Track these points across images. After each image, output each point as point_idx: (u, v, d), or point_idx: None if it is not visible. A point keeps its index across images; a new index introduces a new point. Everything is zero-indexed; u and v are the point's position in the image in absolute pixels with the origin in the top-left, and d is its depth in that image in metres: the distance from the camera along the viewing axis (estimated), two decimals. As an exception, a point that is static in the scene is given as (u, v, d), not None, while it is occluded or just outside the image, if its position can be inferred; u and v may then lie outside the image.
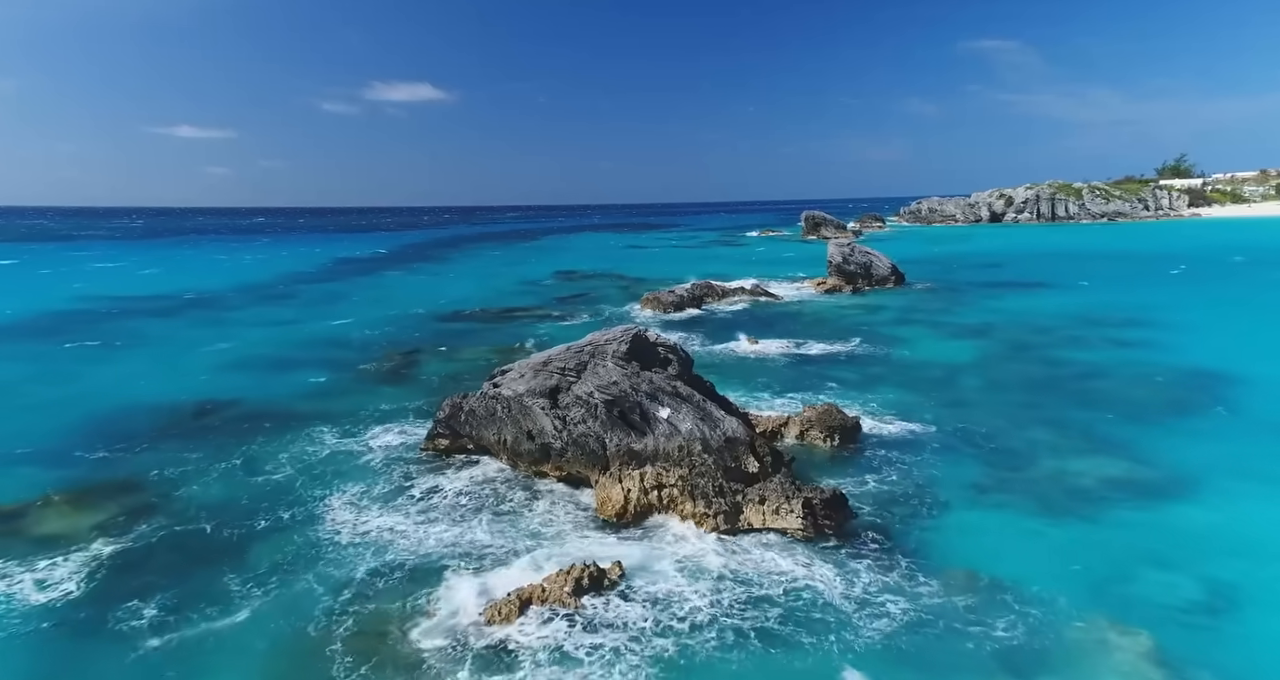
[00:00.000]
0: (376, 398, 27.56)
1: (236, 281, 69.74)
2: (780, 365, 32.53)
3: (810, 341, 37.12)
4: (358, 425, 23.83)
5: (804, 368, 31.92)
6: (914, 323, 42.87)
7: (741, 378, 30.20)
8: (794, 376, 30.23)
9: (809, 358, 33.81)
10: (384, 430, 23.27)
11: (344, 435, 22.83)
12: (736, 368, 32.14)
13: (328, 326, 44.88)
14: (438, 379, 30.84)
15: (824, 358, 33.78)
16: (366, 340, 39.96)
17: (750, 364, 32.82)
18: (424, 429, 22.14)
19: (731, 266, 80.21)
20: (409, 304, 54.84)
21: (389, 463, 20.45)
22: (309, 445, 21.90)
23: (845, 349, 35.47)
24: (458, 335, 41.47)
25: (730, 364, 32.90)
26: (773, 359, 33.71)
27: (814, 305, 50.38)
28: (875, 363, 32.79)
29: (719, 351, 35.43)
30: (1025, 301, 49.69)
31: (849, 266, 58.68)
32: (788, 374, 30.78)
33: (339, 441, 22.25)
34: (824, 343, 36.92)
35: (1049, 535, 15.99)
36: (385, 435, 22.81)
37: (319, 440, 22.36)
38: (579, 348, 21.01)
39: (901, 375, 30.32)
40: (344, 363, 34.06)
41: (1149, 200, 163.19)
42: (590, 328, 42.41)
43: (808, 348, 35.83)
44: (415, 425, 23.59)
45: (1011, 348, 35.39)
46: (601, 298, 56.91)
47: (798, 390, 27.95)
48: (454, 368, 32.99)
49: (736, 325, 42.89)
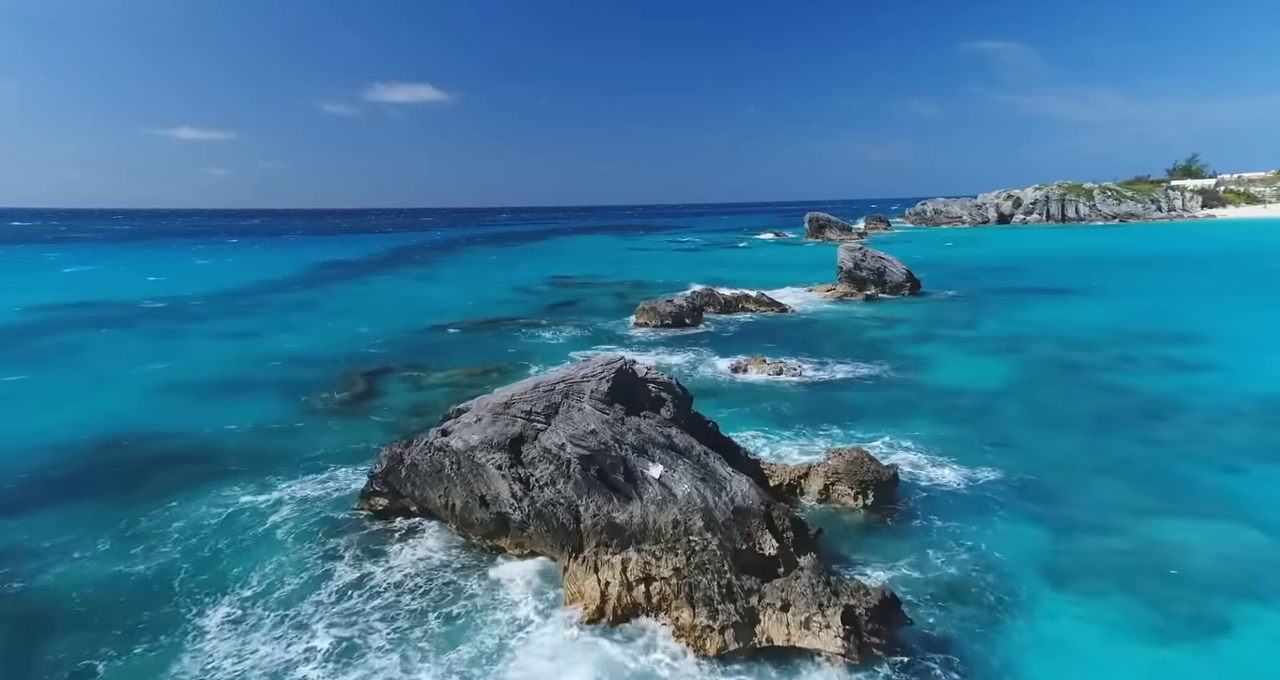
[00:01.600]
0: (318, 436, 23.38)
1: (208, 287, 65.58)
2: (792, 391, 28.37)
3: (825, 361, 32.94)
4: (286, 474, 19.64)
5: (820, 394, 27.75)
6: (937, 337, 38.67)
7: (749, 407, 26.06)
8: (810, 406, 26.07)
9: (825, 382, 29.62)
10: (315, 482, 19.06)
11: (263, 489, 18.63)
12: (742, 395, 27.98)
13: (290, 340, 40.72)
14: (397, 410, 26.67)
15: (842, 382, 29.59)
16: (328, 357, 35.80)
17: (758, 390, 28.64)
18: (364, 479, 17.96)
19: (733, 271, 76.04)
20: (386, 313, 50.72)
21: (310, 533, 16.23)
22: (214, 506, 17.68)
23: (865, 370, 31.28)
24: (432, 351, 37.31)
25: (735, 390, 28.73)
26: (783, 383, 29.54)
27: (825, 317, 46.18)
28: (901, 387, 28.61)
29: (722, 374, 31.26)
30: (1056, 311, 45.47)
31: (861, 272, 54.51)
32: (802, 402, 26.61)
33: (255, 499, 18.05)
34: (840, 362, 32.74)
35: (1165, 656, 11.81)
36: (315, 488, 18.62)
37: (230, 498, 18.14)
38: (550, 385, 16.83)
39: (933, 403, 26.15)
40: (293, 387, 29.90)
41: (1161, 201, 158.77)
42: (579, 343, 38.32)
43: (822, 369, 31.64)
44: (356, 473, 19.41)
45: (1053, 368, 31.18)
46: (594, 307, 52.74)
47: (815, 423, 23.80)
48: (419, 395, 28.81)
49: (741, 341, 38.73)
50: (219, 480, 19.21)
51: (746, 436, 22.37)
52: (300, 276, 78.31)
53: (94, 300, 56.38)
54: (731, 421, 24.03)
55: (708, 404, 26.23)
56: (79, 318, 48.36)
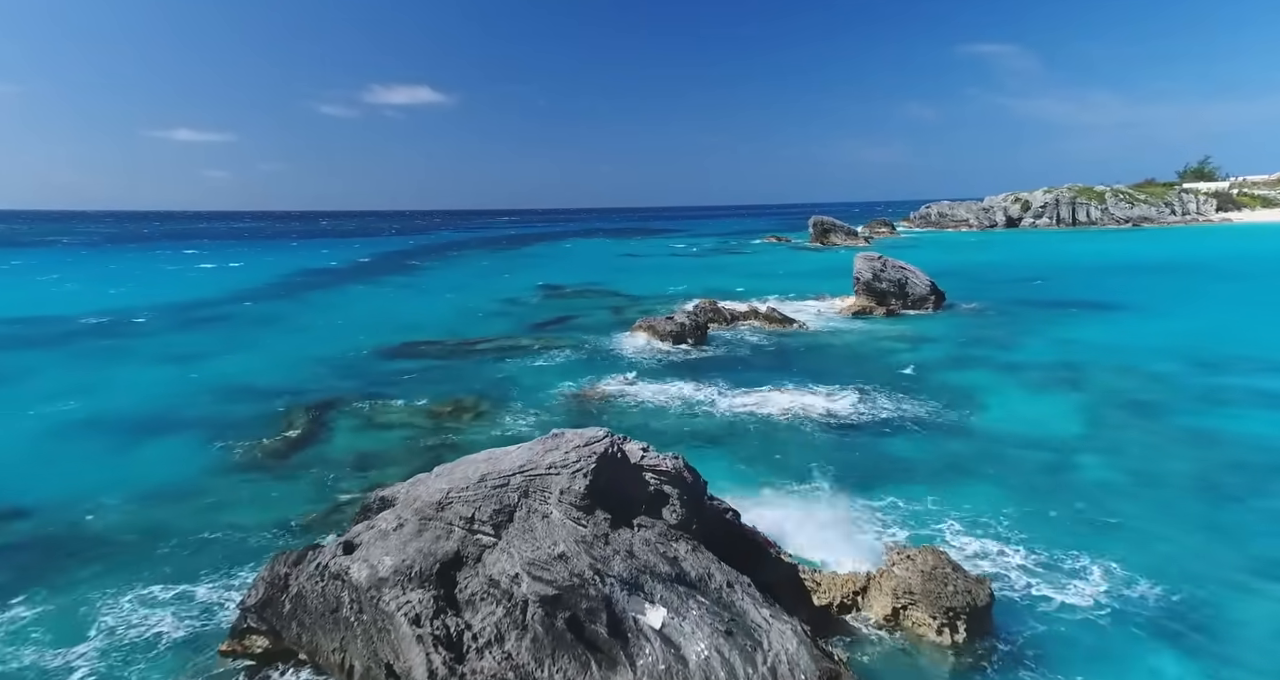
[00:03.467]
0: (221, 509, 18.27)
1: (169, 298, 60.35)
2: (819, 434, 23.33)
3: (853, 394, 27.90)
4: (152, 576, 14.51)
5: (854, 440, 22.70)
6: (977, 363, 33.64)
7: (766, 457, 21.08)
8: (844, 457, 21.03)
9: (858, 424, 24.57)
10: (181, 599, 13.91)
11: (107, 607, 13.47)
12: (757, 438, 22.94)
13: (237, 363, 35.59)
14: (335, 465, 21.53)
15: (878, 423, 24.54)
16: (274, 387, 30.70)
17: (777, 431, 23.59)
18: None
19: (737, 279, 71.06)
20: (356, 330, 45.61)
21: (151, 691, 11.16)
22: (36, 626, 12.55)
23: (903, 407, 26.25)
24: (398, 379, 32.23)
25: (747, 430, 23.68)
26: (806, 422, 24.49)
27: (845, 335, 41.13)
28: (952, 433, 23.57)
29: (731, 409, 26.20)
30: (1105, 330, 40.44)
31: (880, 284, 49.48)
32: (833, 451, 21.56)
33: (93, 622, 12.91)
34: (871, 394, 27.72)
35: None
36: (179, 608, 13.49)
37: (55, 615, 13.01)
38: (502, 476, 11.74)
39: (998, 459, 21.12)
40: (219, 428, 24.82)
41: (1175, 204, 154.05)
42: (569, 370, 33.06)
43: (852, 405, 26.60)
44: (250, 574, 14.31)
45: (1127, 407, 26.15)
46: (588, 322, 47.67)
47: (855, 485, 18.77)
48: (368, 442, 23.70)
49: (751, 365, 33.69)
50: (54, 585, 14.07)
51: (766, 499, 17.42)
52: (273, 284, 73.14)
53: (27, 315, 51.02)
54: (746, 477, 19.12)
55: (716, 451, 21.25)
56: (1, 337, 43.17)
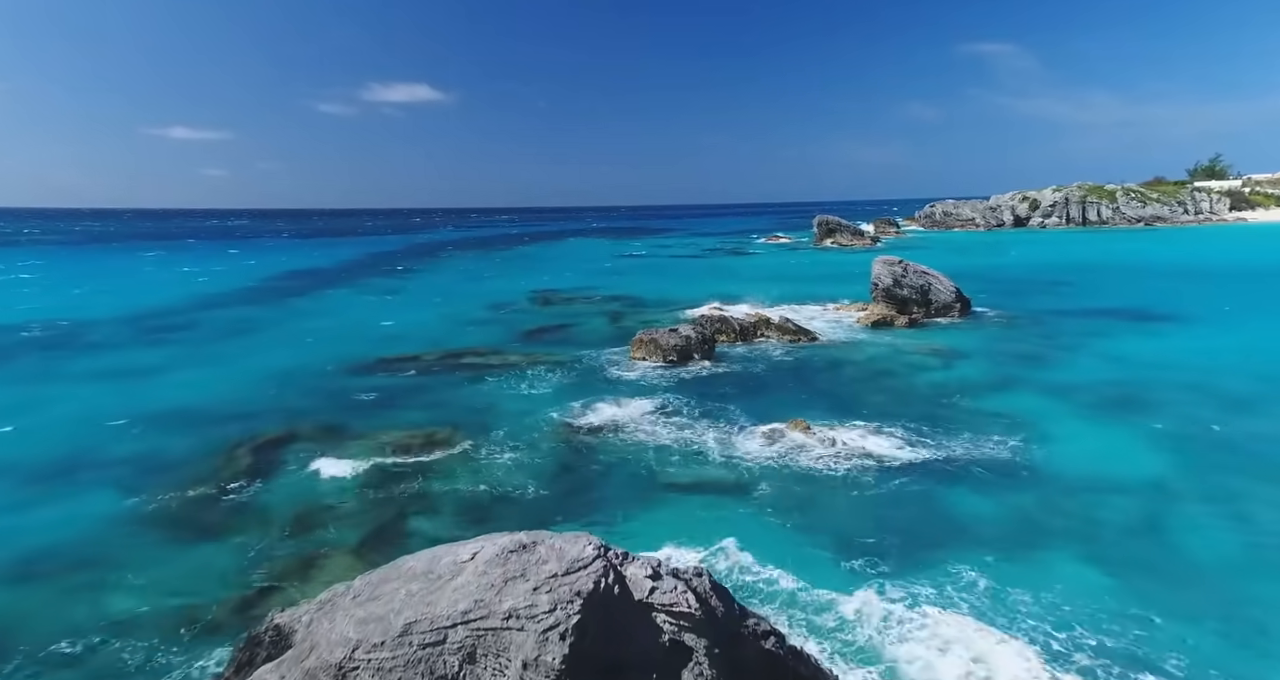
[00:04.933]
0: (103, 594, 14.30)
1: (132, 303, 56.29)
2: (861, 484, 19.38)
3: (889, 425, 23.98)
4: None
5: (903, 494, 18.74)
6: (1023, 384, 29.69)
7: (798, 515, 17.19)
8: (894, 518, 17.10)
9: (899, 467, 20.62)
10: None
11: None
12: (786, 489, 18.98)
13: (186, 384, 31.65)
14: (273, 525, 17.55)
15: (924, 468, 20.59)
16: (221, 413, 26.77)
17: (814, 482, 19.62)
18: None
19: (742, 284, 67.06)
20: (329, 341, 41.72)
21: None
22: None
23: (948, 444, 22.31)
24: (364, 404, 28.31)
25: (771, 476, 19.71)
26: (842, 467, 20.55)
27: (867, 349, 37.17)
28: (1014, 480, 19.63)
29: (749, 448, 22.23)
30: (1159, 344, 36.52)
31: (902, 291, 45.56)
32: (880, 510, 17.61)
33: None
34: (909, 427, 23.80)
35: None
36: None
37: None
38: (440, 626, 7.77)
39: (1078, 518, 17.21)
40: (144, 470, 20.88)
41: (1188, 203, 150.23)
42: (559, 393, 28.77)
43: (888, 441, 22.67)
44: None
45: (1219, 444, 22.19)
46: (582, 333, 43.76)
47: (914, 562, 14.83)
48: (317, 491, 19.73)
49: (767, 387, 29.75)
50: None
51: (805, 597, 13.44)
52: (251, 289, 69.15)
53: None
54: (773, 553, 15.09)
55: (733, 513, 17.24)
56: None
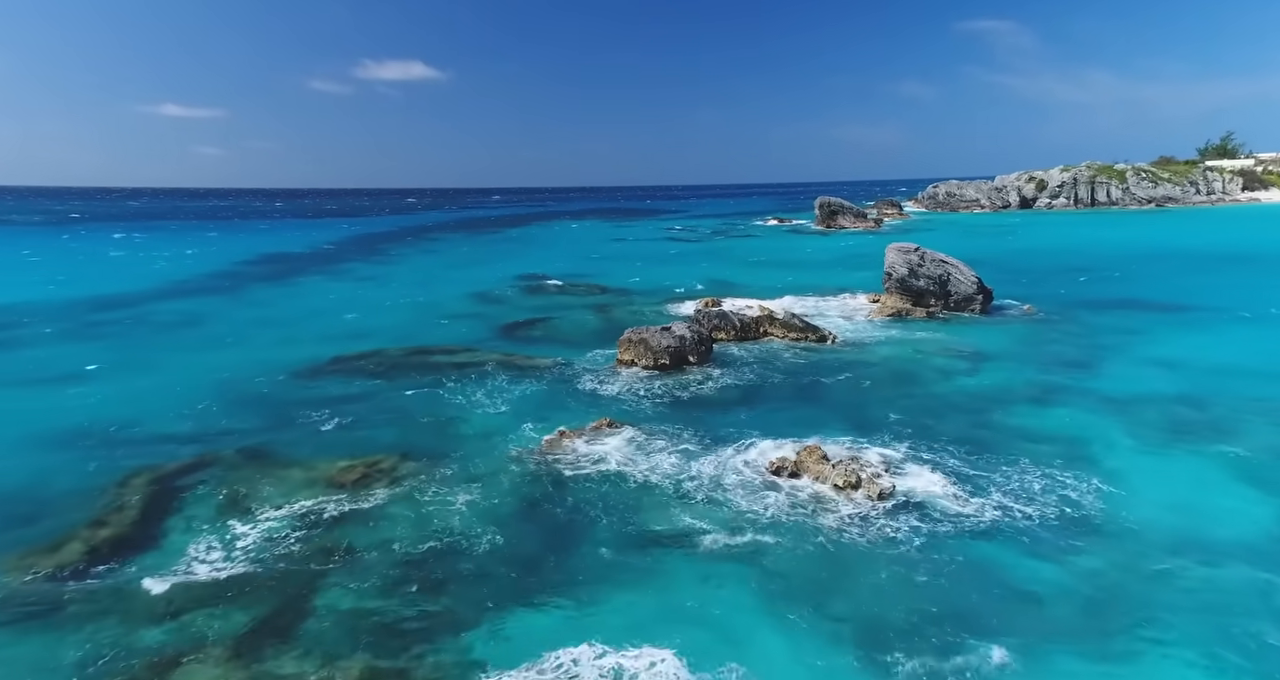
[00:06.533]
0: None
1: (82, 291, 51.80)
2: (884, 552, 15.46)
3: (915, 458, 20.04)
4: None
5: (949, 563, 14.81)
6: (1067, 396, 25.72)
7: (813, 608, 13.26)
8: (948, 606, 13.22)
9: (941, 518, 16.69)
10: None
11: None
12: (797, 564, 15.04)
13: (105, 393, 27.52)
14: (124, 627, 13.56)
15: (965, 520, 16.64)
16: (125, 435, 22.72)
17: (827, 544, 15.68)
18: None
19: (742, 271, 62.96)
20: (287, 338, 37.62)
21: None
22: None
23: (995, 480, 18.39)
24: (304, 419, 24.26)
25: (782, 540, 15.78)
26: (861, 521, 16.63)
27: (883, 350, 33.15)
28: (1084, 540, 15.71)
29: (753, 487, 18.29)
30: (1211, 345, 32.53)
31: (918, 281, 41.47)
32: (916, 597, 13.71)
33: None
34: (944, 459, 19.90)
35: None
36: None
37: None
38: None
39: (1185, 608, 13.36)
40: (4, 519, 16.85)
41: (1200, 183, 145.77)
42: (529, 406, 23.81)
43: (922, 483, 18.71)
44: None
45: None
46: (566, 328, 39.68)
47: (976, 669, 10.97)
48: (208, 560, 15.71)
49: (773, 403, 25.73)
50: None
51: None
52: (218, 275, 64.71)
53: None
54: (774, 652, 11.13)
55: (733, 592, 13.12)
56: None
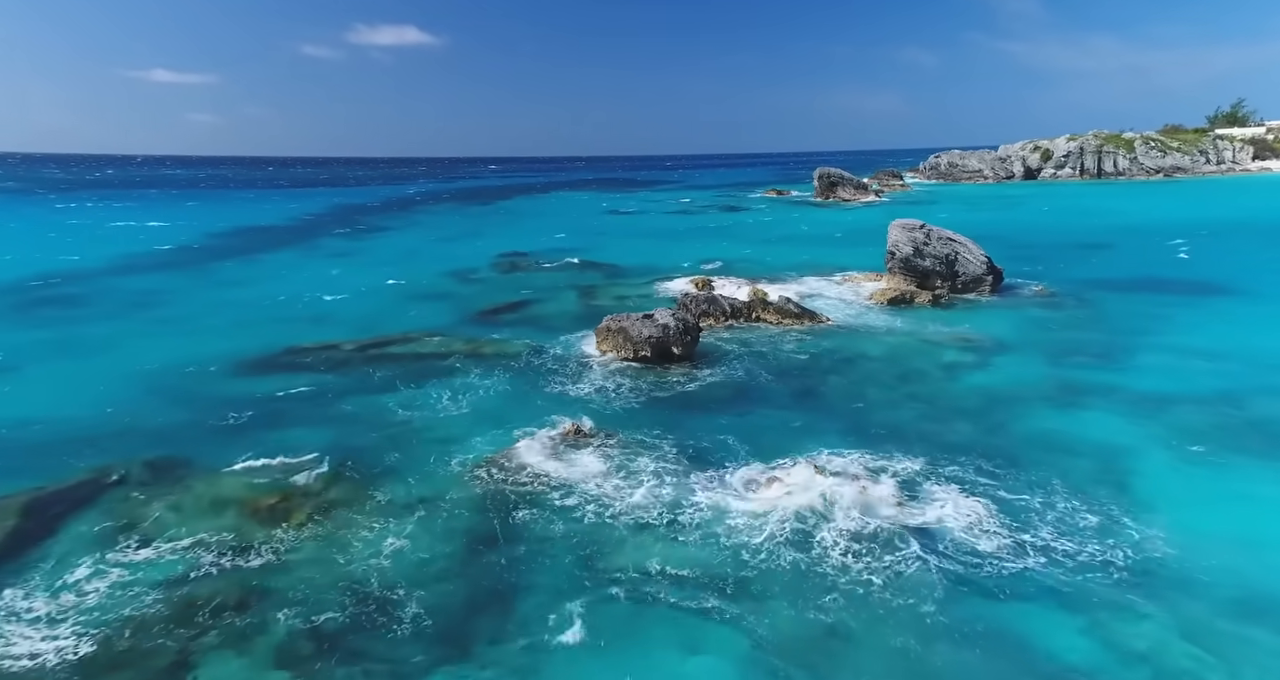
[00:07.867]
0: None
1: (27, 268, 48.38)
2: (891, 606, 12.85)
3: (924, 474, 17.38)
4: None
5: (974, 619, 12.22)
6: (1092, 395, 22.98)
7: None
8: None
9: (960, 556, 14.06)
10: None
11: None
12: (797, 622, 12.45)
13: (24, 387, 24.69)
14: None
15: (984, 563, 14.04)
16: (25, 439, 19.97)
17: (828, 601, 13.09)
18: None
19: (736, 246, 59.81)
20: (239, 323, 34.69)
21: None
22: None
23: (1018, 501, 15.76)
24: (237, 423, 21.50)
25: (774, 585, 13.17)
26: (864, 561, 14.01)
27: (887, 340, 30.31)
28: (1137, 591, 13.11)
29: (740, 532, 15.65)
30: (1249, 334, 29.71)
31: (924, 261, 38.49)
32: (952, 667, 11.13)
33: None
34: (958, 476, 17.25)
35: None
36: None
37: None
38: None
39: None
40: None
41: (1210, 152, 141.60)
42: (491, 410, 20.51)
43: (932, 510, 16.05)
44: None
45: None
46: (544, 313, 36.76)
47: None
48: (65, 606, 13.06)
49: (764, 405, 22.96)
50: None
51: None
52: (181, 249, 61.32)
53: None
54: None
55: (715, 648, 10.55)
56: None
